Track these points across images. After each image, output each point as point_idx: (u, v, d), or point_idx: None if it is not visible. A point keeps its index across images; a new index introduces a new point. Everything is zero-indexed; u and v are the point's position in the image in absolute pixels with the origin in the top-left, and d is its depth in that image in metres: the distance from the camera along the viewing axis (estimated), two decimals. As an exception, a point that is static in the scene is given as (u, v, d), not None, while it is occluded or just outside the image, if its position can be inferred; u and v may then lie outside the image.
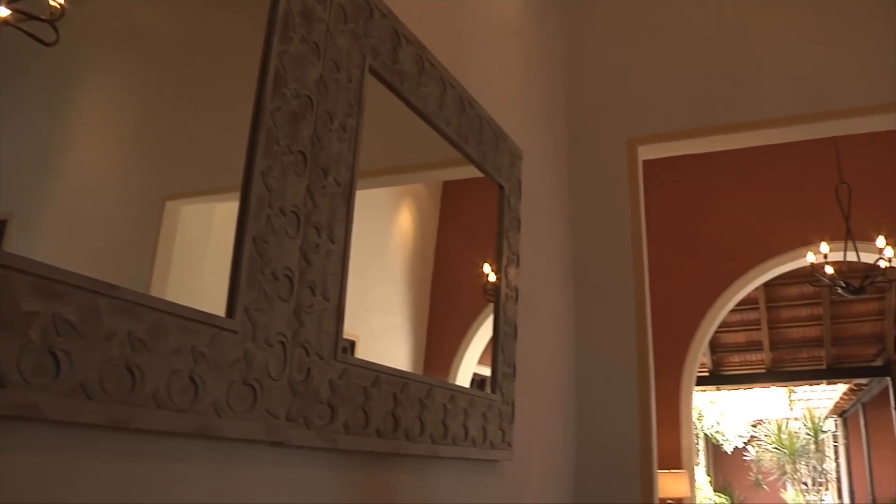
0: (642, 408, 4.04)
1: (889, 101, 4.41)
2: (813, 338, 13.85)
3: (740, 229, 9.26)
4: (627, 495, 3.96)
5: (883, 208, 8.52)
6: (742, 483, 22.04)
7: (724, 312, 9.43)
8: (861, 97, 4.43)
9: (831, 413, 21.64)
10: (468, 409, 2.55)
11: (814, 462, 20.64)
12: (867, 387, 17.01)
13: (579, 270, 4.24)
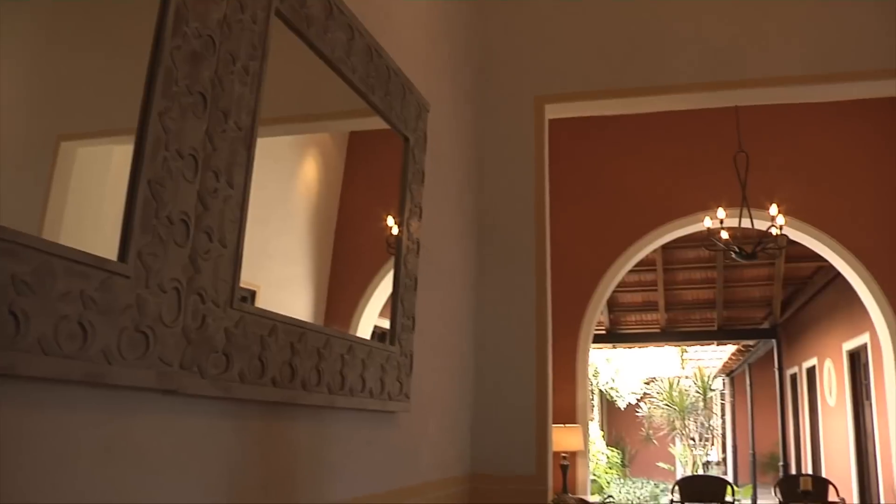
0: (539, 363, 4.11)
1: (792, 73, 4.54)
2: (706, 300, 14.33)
3: (642, 192, 9.47)
4: (523, 448, 4.04)
5: (777, 178, 8.82)
6: (634, 438, 22.80)
7: (622, 272, 9.65)
8: (765, 68, 4.54)
9: (720, 372, 22.53)
10: (366, 360, 2.55)
11: (702, 418, 21.44)
12: (754, 348, 17.73)
13: (482, 226, 4.26)
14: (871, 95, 8.84)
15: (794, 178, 9.20)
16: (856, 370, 12.68)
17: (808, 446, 16.72)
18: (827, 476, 11.82)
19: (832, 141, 9.60)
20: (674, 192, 9.37)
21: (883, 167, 9.57)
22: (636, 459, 22.78)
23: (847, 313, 12.15)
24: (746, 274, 13.36)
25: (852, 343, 12.38)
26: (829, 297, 13.14)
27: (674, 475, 19.37)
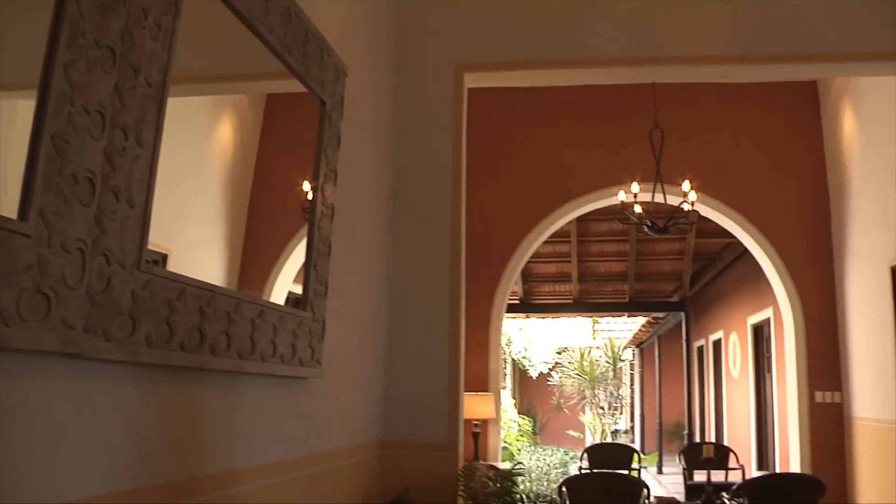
0: (452, 332, 4.13)
1: (708, 53, 4.63)
2: (618, 272, 14.60)
3: (558, 164, 9.56)
4: (435, 415, 4.07)
5: (690, 154, 9.01)
6: (545, 406, 23.17)
7: (537, 243, 9.75)
8: (682, 47, 4.61)
9: (630, 343, 23.02)
10: (277, 325, 2.52)
11: (611, 388, 21.88)
12: (663, 320, 18.15)
13: (398, 193, 4.25)
14: (783, 79, 9.14)
15: (706, 156, 9.41)
16: (759, 343, 13.12)
17: (711, 416, 17.26)
18: (729, 444, 12.23)
19: (745, 121, 9.84)
20: (590, 165, 9.49)
21: (791, 148, 9.86)
22: (547, 427, 23.17)
23: (752, 288, 12.53)
24: (658, 248, 13.65)
25: (756, 317, 12.79)
26: (737, 272, 13.53)
27: (583, 443, 19.77)
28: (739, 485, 6.08)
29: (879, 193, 8.31)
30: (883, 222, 8.20)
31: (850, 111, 9.03)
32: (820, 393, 9.32)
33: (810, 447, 9.24)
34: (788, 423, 9.84)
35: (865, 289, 8.68)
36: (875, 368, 8.38)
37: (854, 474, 9.03)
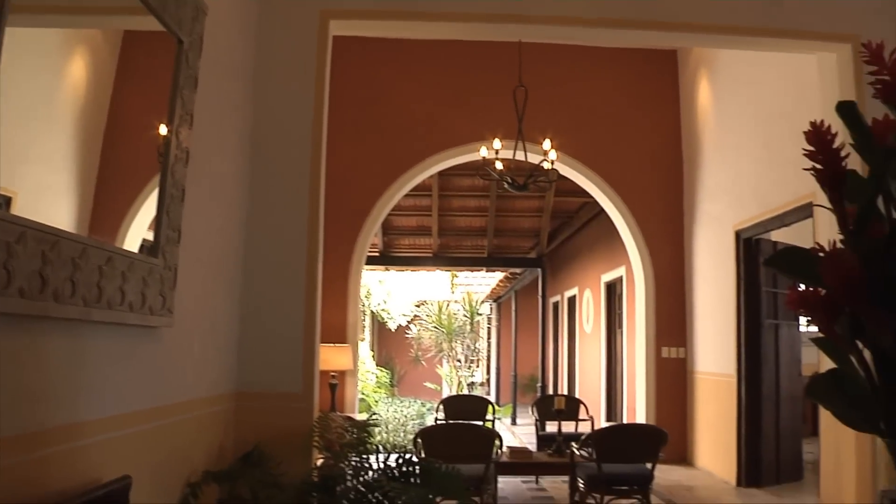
0: (309, 283, 4.09)
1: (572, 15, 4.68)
2: (478, 227, 14.77)
3: (422, 118, 9.56)
4: (290, 366, 4.03)
5: (552, 114, 9.15)
6: (403, 358, 23.36)
7: (398, 196, 9.75)
8: (547, 8, 4.65)
9: (488, 298, 23.44)
10: (127, 272, 2.42)
11: (468, 341, 22.24)
12: (521, 276, 18.55)
13: (258, 139, 4.13)
14: (644, 45, 9.37)
15: (568, 117, 9.60)
16: (611, 300, 13.59)
17: (564, 369, 17.82)
18: (580, 397, 12.65)
19: (607, 85, 10.08)
20: (453, 120, 9.53)
21: (650, 114, 10.18)
22: (405, 379, 23.40)
23: (607, 247, 12.93)
24: (517, 205, 13.87)
25: (610, 275, 13.22)
26: (593, 231, 13.91)
27: (440, 395, 20.06)
28: (588, 435, 6.31)
29: (729, 162, 8.69)
30: (731, 189, 8.59)
31: (707, 81, 9.36)
32: (666, 348, 9.76)
33: (656, 399, 9.68)
34: (636, 376, 10.26)
35: (712, 251, 9.10)
36: (717, 326, 8.82)
37: (694, 424, 9.52)
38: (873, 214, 1.13)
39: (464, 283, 22.28)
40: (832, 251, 1.07)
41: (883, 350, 1.09)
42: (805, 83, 6.31)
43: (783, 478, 8.25)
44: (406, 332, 22.67)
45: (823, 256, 1.07)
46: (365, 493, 3.52)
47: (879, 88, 1.16)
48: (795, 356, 8.61)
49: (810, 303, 1.10)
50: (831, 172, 1.14)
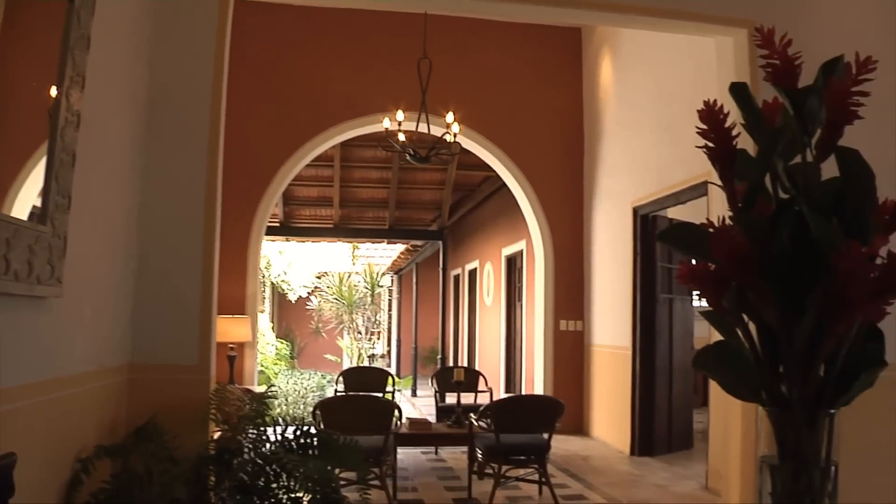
0: (206, 252, 4.00)
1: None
2: (380, 199, 14.73)
3: (325, 87, 9.45)
4: (186, 337, 3.95)
5: (456, 87, 9.16)
6: (303, 330, 23.20)
7: (300, 166, 9.64)
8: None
9: (389, 270, 23.43)
10: (11, 240, 2.31)
11: (369, 313, 22.22)
12: (422, 249, 18.59)
13: (154, 104, 3.99)
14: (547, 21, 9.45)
15: (472, 90, 9.63)
16: (511, 274, 13.76)
17: (465, 342, 17.99)
18: (480, 368, 12.80)
19: (512, 60, 10.15)
20: (357, 91, 9.44)
21: (553, 90, 10.30)
22: (305, 351, 23.26)
23: (508, 221, 13.07)
24: (419, 177, 13.88)
25: (510, 249, 13.38)
26: (494, 205, 14.04)
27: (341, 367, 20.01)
28: (486, 406, 6.40)
29: (628, 139, 8.87)
30: (629, 166, 8.78)
31: (609, 60, 9.52)
32: (564, 321, 9.95)
33: (553, 371, 9.88)
34: (535, 349, 10.44)
35: (610, 227, 9.29)
36: (614, 300, 9.04)
37: (590, 396, 9.75)
38: (761, 193, 1.17)
39: (365, 254, 22.21)
40: (721, 227, 1.11)
41: (766, 323, 1.13)
42: (703, 65, 6.48)
43: (675, 447, 8.55)
44: (307, 304, 22.50)
45: (712, 232, 1.10)
46: (262, 465, 3.49)
47: (770, 72, 1.19)
48: (688, 330, 8.90)
49: (699, 277, 1.13)
50: (722, 151, 1.18)
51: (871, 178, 1.14)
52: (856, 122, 1.18)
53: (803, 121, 1.18)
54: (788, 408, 1.14)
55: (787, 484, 1.15)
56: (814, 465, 1.14)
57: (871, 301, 1.04)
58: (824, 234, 1.07)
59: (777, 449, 1.16)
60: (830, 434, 1.15)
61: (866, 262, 1.02)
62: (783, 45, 1.19)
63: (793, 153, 1.20)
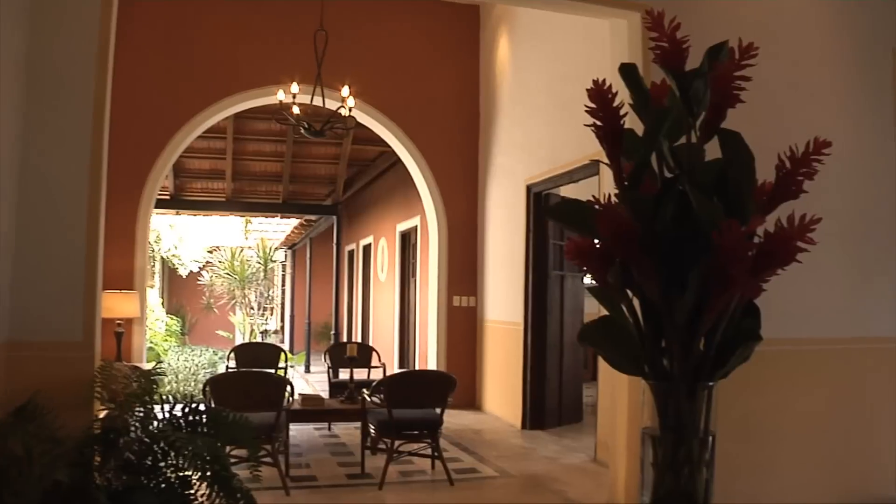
0: (90, 225, 3.86)
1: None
2: (273, 173, 14.52)
3: (219, 57, 9.22)
4: (69, 314, 3.82)
5: (353, 61, 9.09)
6: (195, 306, 22.77)
7: (191, 138, 9.41)
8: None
9: (282, 245, 23.16)
10: None
11: (262, 289, 21.94)
12: (316, 223, 18.43)
13: (34, 68, 3.81)
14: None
15: (368, 64, 9.56)
16: (406, 249, 13.78)
17: (359, 317, 17.95)
18: (374, 344, 12.81)
19: (409, 36, 10.11)
20: (251, 61, 9.25)
21: (450, 67, 10.32)
22: (196, 327, 22.83)
23: (403, 197, 13.06)
24: (314, 151, 13.74)
25: (405, 225, 13.38)
26: (389, 180, 14.01)
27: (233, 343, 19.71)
28: (379, 382, 6.41)
29: (523, 117, 8.97)
30: (524, 144, 8.88)
31: (506, 38, 9.58)
32: (458, 297, 10.04)
33: (447, 347, 9.97)
34: (428, 324, 10.50)
35: (504, 204, 9.40)
36: (507, 277, 9.16)
37: (483, 371, 9.88)
38: (647, 172, 1.20)
39: (258, 229, 21.86)
40: (607, 205, 1.13)
41: (649, 299, 1.17)
42: (598, 46, 6.58)
43: (565, 420, 8.75)
44: (198, 279, 22.05)
45: (599, 210, 1.13)
46: (150, 444, 3.42)
47: (658, 54, 1.22)
48: (579, 305, 9.10)
49: (585, 253, 1.16)
50: (610, 130, 1.20)
51: (751, 161, 1.18)
52: (738, 105, 1.22)
53: (689, 103, 1.21)
54: (669, 380, 1.18)
55: (667, 453, 1.19)
56: (693, 435, 1.18)
57: (748, 278, 1.08)
58: (706, 213, 1.11)
59: (658, 420, 1.20)
60: (709, 405, 1.19)
61: (745, 241, 1.05)
62: (672, 28, 1.21)
63: (678, 134, 1.23)
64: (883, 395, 5.71)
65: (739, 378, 1.38)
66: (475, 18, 10.51)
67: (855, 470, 5.60)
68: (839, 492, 5.44)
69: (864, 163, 5.69)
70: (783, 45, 5.35)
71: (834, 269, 5.46)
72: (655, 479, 1.20)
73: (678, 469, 1.18)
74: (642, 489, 1.22)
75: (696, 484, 1.18)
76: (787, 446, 5.27)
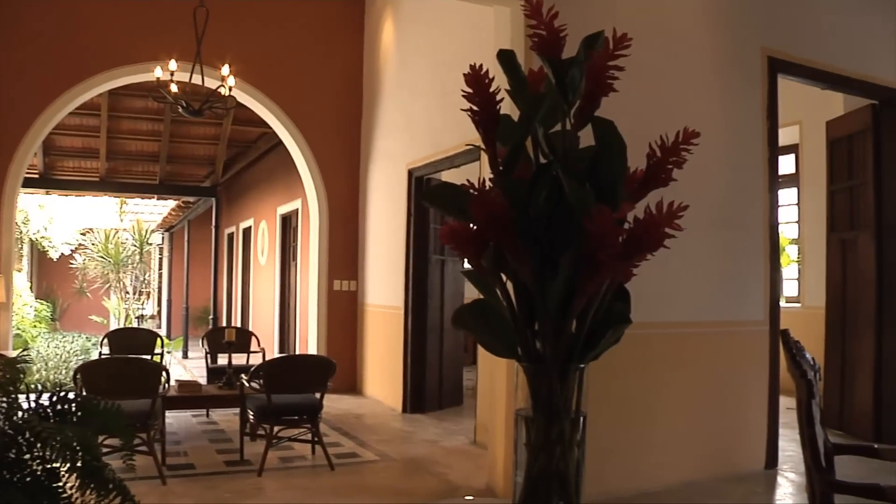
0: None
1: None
2: (150, 153, 14.10)
3: (94, 30, 8.85)
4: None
5: (234, 39, 8.89)
6: (66, 290, 21.96)
7: (63, 114, 9.04)
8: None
9: (159, 227, 22.53)
10: None
11: (138, 272, 21.35)
12: (195, 205, 18.01)
13: None
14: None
15: (250, 43, 9.37)
16: (286, 233, 13.62)
17: (238, 302, 17.67)
18: (254, 329, 12.62)
19: (293, 16, 9.95)
20: (128, 36, 8.93)
21: (334, 49, 10.22)
22: (68, 313, 22.06)
23: (284, 179, 12.90)
24: (193, 131, 13.40)
25: (286, 207, 13.23)
26: (270, 162, 13.81)
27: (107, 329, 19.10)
28: (257, 367, 6.32)
29: (407, 102, 8.97)
30: (407, 128, 8.88)
31: (391, 22, 9.55)
32: (338, 281, 10.00)
33: (327, 331, 9.92)
34: (309, 309, 10.43)
35: (386, 188, 9.39)
36: (388, 261, 9.16)
37: (364, 355, 9.87)
38: (521, 157, 1.22)
39: (134, 210, 21.21)
40: (481, 189, 1.14)
41: (523, 282, 1.18)
42: (483, 33, 6.63)
43: (445, 404, 8.84)
44: (70, 263, 21.27)
45: (473, 193, 1.13)
46: (14, 435, 3.27)
47: (536, 42, 1.23)
48: (459, 290, 9.18)
49: (460, 236, 1.17)
50: (486, 115, 1.21)
51: (623, 149, 1.21)
52: (613, 94, 1.24)
53: (564, 90, 1.23)
54: (542, 363, 1.20)
55: (540, 434, 1.21)
56: (565, 416, 1.20)
57: (618, 263, 1.11)
58: (578, 199, 1.13)
59: (531, 402, 1.22)
60: (580, 387, 1.22)
61: (614, 227, 1.08)
62: (550, 16, 1.23)
63: (554, 121, 1.25)
64: (750, 376, 6.00)
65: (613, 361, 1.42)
66: (361, 0, 10.44)
67: (725, 447, 5.86)
68: (710, 467, 5.69)
69: (734, 153, 5.94)
70: (659, 39, 5.52)
71: (704, 255, 5.68)
72: (528, 459, 1.22)
73: (550, 449, 1.21)
74: (516, 469, 1.24)
75: (568, 463, 1.21)
76: (659, 426, 5.47)
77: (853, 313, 7.32)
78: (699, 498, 5.27)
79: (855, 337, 7.27)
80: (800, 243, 10.73)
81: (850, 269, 7.39)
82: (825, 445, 3.06)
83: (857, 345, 7.24)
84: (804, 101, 8.93)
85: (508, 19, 5.19)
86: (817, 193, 9.09)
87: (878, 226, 7.09)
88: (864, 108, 7.26)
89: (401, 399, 8.66)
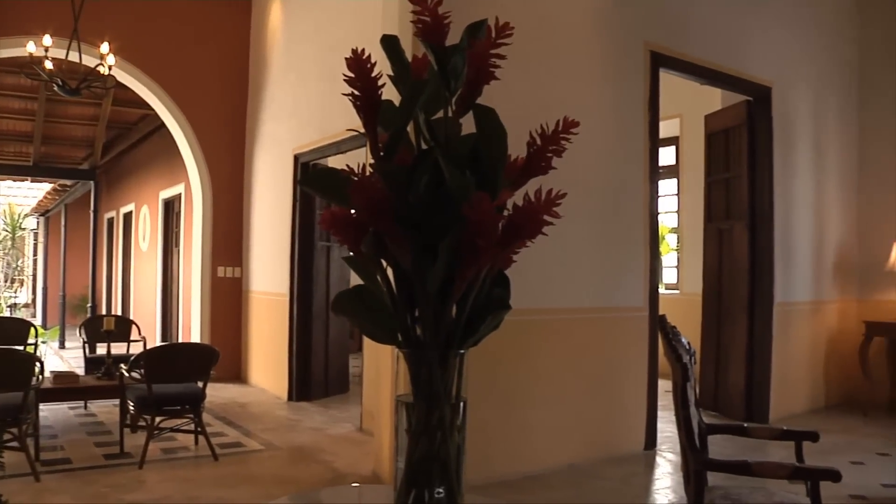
0: None
1: None
2: (23, 132, 13.53)
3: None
4: None
5: (113, 15, 8.59)
6: (-70, 277, 20.91)
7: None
8: None
9: (34, 211, 21.65)
10: None
11: (10, 258, 20.52)
12: (72, 189, 17.37)
13: None
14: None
15: (132, 21, 9.07)
16: (169, 218, 13.29)
17: (119, 289, 17.15)
18: (136, 317, 12.29)
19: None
20: (-3, 8, 8.54)
21: (220, 31, 10.00)
22: (-69, 301, 21.04)
23: (167, 163, 12.58)
24: (70, 111, 12.90)
25: (169, 192, 12.90)
26: (152, 145, 13.44)
27: (-25, 317, 18.26)
28: (137, 356, 6.16)
29: (293, 86, 8.85)
30: (293, 113, 8.77)
31: (278, 4, 9.39)
32: (222, 268, 9.82)
33: (211, 319, 9.74)
34: (192, 296, 10.21)
35: (271, 174, 9.26)
36: (273, 247, 9.05)
37: (248, 342, 9.74)
38: (402, 142, 1.21)
39: (6, 193, 20.33)
40: (361, 174, 1.14)
41: (402, 268, 1.18)
42: (370, 18, 6.59)
43: (331, 391, 8.80)
44: (-65, 248, 20.24)
45: (353, 179, 1.13)
46: None
47: (420, 28, 1.23)
48: (345, 276, 9.15)
49: (340, 222, 1.16)
50: (367, 100, 1.20)
51: (504, 136, 1.22)
52: (497, 83, 1.25)
53: (447, 77, 1.23)
54: (422, 349, 1.21)
55: (420, 420, 1.21)
56: (445, 402, 1.21)
57: (497, 249, 1.12)
58: (458, 185, 1.14)
59: (412, 388, 1.22)
60: (460, 372, 1.22)
61: (493, 214, 1.09)
62: (434, 3, 1.23)
63: (436, 108, 1.25)
64: (630, 360, 6.18)
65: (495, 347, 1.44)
66: (248, -18, 10.25)
67: (606, 429, 6.03)
68: (592, 449, 5.84)
69: (617, 144, 6.09)
70: (544, 30, 5.61)
71: (585, 242, 5.82)
72: (409, 444, 1.22)
73: (431, 434, 1.21)
74: (397, 455, 1.24)
75: (448, 448, 1.21)
76: (542, 410, 5.58)
77: (728, 299, 7.63)
78: (582, 479, 5.41)
79: (729, 322, 7.58)
80: (679, 232, 11.10)
81: (725, 258, 7.70)
82: (699, 426, 3.21)
83: (731, 329, 7.55)
84: (685, 96, 9.23)
85: (396, 5, 5.18)
86: (696, 184, 9.42)
87: (751, 216, 7.40)
88: (739, 103, 7.56)
89: (286, 387, 8.58)
